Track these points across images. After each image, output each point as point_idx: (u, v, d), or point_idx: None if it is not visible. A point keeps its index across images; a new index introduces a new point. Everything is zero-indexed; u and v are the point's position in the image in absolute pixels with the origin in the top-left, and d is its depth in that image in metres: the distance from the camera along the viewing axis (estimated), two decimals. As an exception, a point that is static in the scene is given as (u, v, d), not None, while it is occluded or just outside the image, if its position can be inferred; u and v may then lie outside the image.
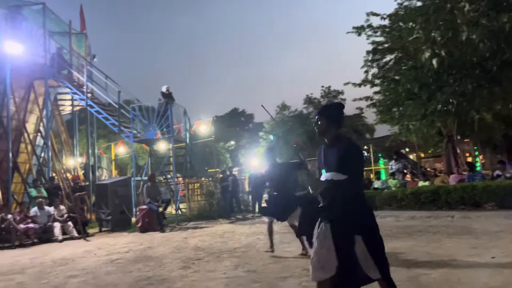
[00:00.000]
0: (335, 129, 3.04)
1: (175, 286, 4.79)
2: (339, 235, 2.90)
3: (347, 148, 2.94)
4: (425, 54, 9.60)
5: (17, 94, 13.18)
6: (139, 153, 24.27)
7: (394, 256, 5.47)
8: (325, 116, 3.07)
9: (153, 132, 13.25)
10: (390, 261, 4.81)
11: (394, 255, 5.53)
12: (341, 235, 2.88)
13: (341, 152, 2.91)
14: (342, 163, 2.88)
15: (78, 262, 6.93)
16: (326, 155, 3.06)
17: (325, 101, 29.42)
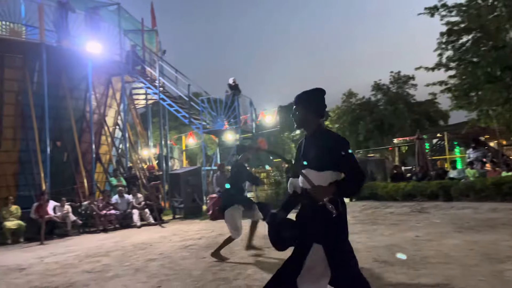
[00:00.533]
0: (316, 119, 2.67)
1: (246, 273, 4.92)
2: (299, 242, 2.72)
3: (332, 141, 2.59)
4: (509, 33, 8.81)
5: (97, 90, 14.21)
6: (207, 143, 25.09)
7: (475, 250, 5.18)
8: (302, 105, 2.69)
9: (221, 123, 13.63)
10: (471, 254, 4.58)
11: (474, 249, 5.23)
12: (299, 243, 2.70)
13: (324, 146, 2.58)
14: (324, 158, 2.54)
15: (155, 247, 7.38)
16: (307, 149, 2.72)
17: (395, 87, 28.13)
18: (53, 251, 7.92)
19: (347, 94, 29.32)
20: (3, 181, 11.84)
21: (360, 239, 6.60)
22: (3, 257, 7.71)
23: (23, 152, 12.20)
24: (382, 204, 11.26)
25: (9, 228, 9.80)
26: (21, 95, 12.21)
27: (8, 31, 11.82)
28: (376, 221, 8.71)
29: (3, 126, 11.93)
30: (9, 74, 12.06)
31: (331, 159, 2.54)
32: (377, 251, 5.58)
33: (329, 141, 2.59)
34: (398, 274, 4.37)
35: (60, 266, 6.26)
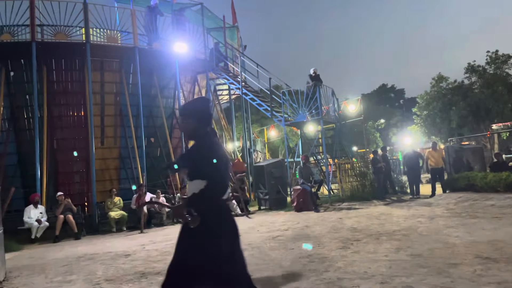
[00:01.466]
0: (204, 129, 2.69)
1: (336, 265, 4.89)
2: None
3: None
4: None
5: (184, 88, 15.00)
6: (289, 135, 25.21)
7: None
8: (189, 116, 2.72)
9: (302, 115, 13.58)
10: None
11: None
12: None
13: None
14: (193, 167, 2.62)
15: (244, 237, 7.57)
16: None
17: (492, 68, 25.60)
18: (152, 239, 8.59)
19: (437, 79, 27.41)
20: (106, 175, 13.07)
21: (457, 233, 6.19)
22: (111, 244, 8.55)
23: (123, 148, 13.34)
24: (481, 196, 10.38)
25: (113, 217, 10.82)
26: (119, 96, 13.34)
27: (105, 38, 12.93)
28: (475, 214, 8.07)
29: (104, 125, 13.14)
30: (108, 77, 13.23)
31: (197, 168, 2.58)
32: (478, 246, 5.19)
33: (195, 150, 2.66)
34: (504, 271, 4.02)
35: (159, 253, 6.77)
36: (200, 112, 2.74)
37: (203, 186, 2.49)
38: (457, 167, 13.20)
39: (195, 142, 2.72)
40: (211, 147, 2.62)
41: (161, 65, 13.76)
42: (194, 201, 2.53)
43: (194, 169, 2.63)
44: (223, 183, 2.64)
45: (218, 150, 2.64)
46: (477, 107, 24.03)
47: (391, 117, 39.93)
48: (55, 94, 12.65)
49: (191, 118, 2.71)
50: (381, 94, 53.16)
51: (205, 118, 2.74)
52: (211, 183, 2.49)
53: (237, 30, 17.76)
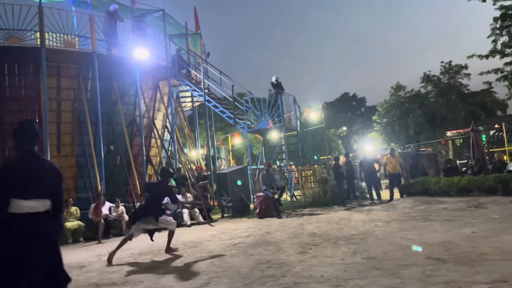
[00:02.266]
0: (20, 148, 3.06)
1: (294, 270, 4.93)
2: None
3: None
4: None
5: (146, 95, 14.76)
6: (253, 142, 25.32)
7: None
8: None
9: (265, 122, 13.68)
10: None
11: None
12: None
13: None
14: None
15: (205, 245, 7.56)
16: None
17: (446, 78, 26.86)
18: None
19: (395, 88, 28.46)
20: (63, 184, 12.59)
21: (411, 235, 6.40)
22: (65, 255, 8.18)
23: (81, 156, 12.93)
24: (435, 200, 10.81)
25: (69, 228, 10.42)
26: (76, 103, 12.94)
27: (62, 43, 12.55)
28: (428, 217, 8.38)
29: (61, 132, 12.70)
30: (65, 83, 12.82)
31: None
32: (429, 248, 5.38)
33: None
34: (452, 271, 4.19)
35: (116, 263, 6.57)
36: (17, 132, 3.09)
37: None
38: (413, 173, 13.70)
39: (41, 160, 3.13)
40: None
41: (121, 71, 13.49)
42: None
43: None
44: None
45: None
46: (432, 115, 25.08)
47: (353, 125, 40.94)
48: (7, 100, 12.14)
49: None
50: (343, 102, 54.51)
51: (19, 138, 3.09)
52: None
53: (200, 37, 17.71)
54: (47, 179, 3.09)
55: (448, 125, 24.80)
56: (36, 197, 2.97)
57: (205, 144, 20.81)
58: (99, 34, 13.04)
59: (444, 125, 25.00)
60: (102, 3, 13.91)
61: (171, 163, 15.27)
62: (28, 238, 2.83)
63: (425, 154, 15.05)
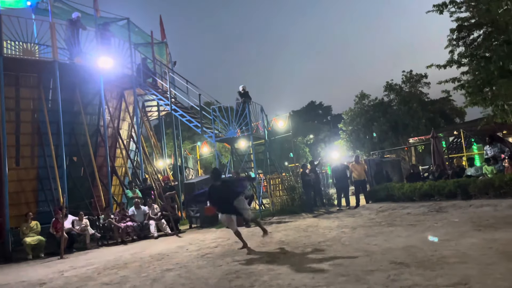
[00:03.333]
0: None
1: (262, 279, 4.92)
2: None
3: None
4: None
5: (110, 104, 14.44)
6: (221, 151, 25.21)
7: (494, 248, 5.08)
8: None
9: (233, 131, 13.68)
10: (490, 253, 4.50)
11: (493, 247, 5.13)
12: None
13: None
14: None
15: (172, 257, 7.43)
16: None
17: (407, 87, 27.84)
18: (73, 264, 8.04)
19: (360, 96, 29.16)
20: (22, 197, 12.09)
21: (376, 241, 6.54)
22: (24, 272, 7.86)
23: (41, 168, 12.45)
24: (399, 205, 11.12)
25: (29, 243, 9.98)
26: (37, 113, 12.49)
27: (21, 51, 12.12)
28: (393, 222, 8.60)
29: (20, 144, 12.20)
30: (25, 93, 12.35)
31: None
32: (393, 253, 5.51)
33: None
34: (415, 275, 4.31)
35: (79, 279, 6.35)
36: None
37: None
38: (378, 179, 14.04)
39: None
40: None
41: (84, 80, 13.16)
42: None
43: None
44: None
45: None
46: (395, 122, 25.84)
47: (319, 133, 41.59)
48: (-39, 111, 11.54)
49: None
50: (310, 111, 55.33)
51: None
52: None
53: (166, 46, 17.57)
54: None
55: (411, 132, 25.61)
56: None
57: (172, 153, 20.54)
58: (60, 43, 12.69)
59: (406, 132, 25.80)
60: (64, 11, 13.55)
61: (137, 173, 14.96)
62: None
63: (389, 161, 15.48)
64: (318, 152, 38.35)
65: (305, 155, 33.21)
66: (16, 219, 11.04)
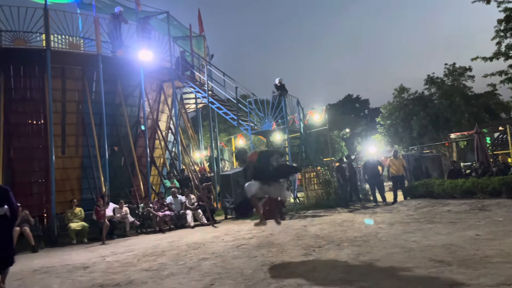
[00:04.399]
0: None
1: (297, 272, 4.93)
2: None
3: None
4: None
5: (150, 97, 14.81)
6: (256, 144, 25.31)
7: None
8: None
9: (269, 123, 13.70)
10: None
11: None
12: None
13: None
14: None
15: (208, 247, 7.58)
16: None
17: (450, 80, 26.81)
18: (114, 250, 8.37)
19: (399, 90, 28.40)
20: (67, 185, 12.66)
21: (415, 238, 6.39)
22: (69, 256, 8.26)
23: (85, 157, 12.99)
24: (438, 202, 10.79)
25: (73, 229, 10.47)
26: (81, 104, 13.01)
27: (67, 45, 12.62)
28: (432, 219, 8.36)
29: (66, 134, 12.76)
30: (70, 85, 12.89)
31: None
32: (433, 250, 5.37)
33: None
34: (456, 274, 4.19)
35: (120, 264, 6.61)
36: None
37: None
38: (416, 175, 13.67)
39: None
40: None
41: (125, 73, 13.56)
42: None
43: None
44: None
45: None
46: (436, 117, 25.00)
47: (356, 127, 40.87)
48: (12, 102, 12.21)
49: None
50: (347, 104, 54.37)
51: None
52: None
53: (203, 39, 17.76)
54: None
55: (452, 127, 24.72)
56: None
57: (209, 145, 20.83)
58: (103, 36, 13.11)
59: (448, 127, 24.92)
60: (107, 5, 13.98)
61: (174, 164, 15.31)
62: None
63: (429, 156, 15.02)
64: (355, 146, 37.75)
65: (341, 149, 32.76)
66: (61, 206, 11.59)
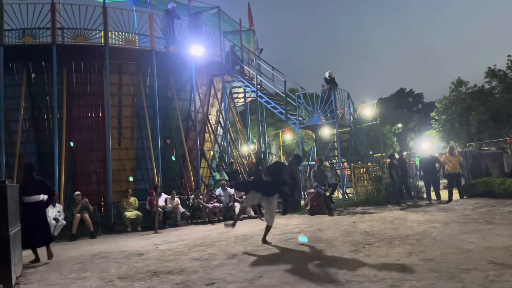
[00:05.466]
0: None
1: (346, 268, 4.87)
2: None
3: None
4: None
5: (201, 91, 15.14)
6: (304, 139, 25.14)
7: None
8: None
9: (317, 118, 13.55)
10: None
11: None
12: None
13: None
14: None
15: (256, 239, 7.65)
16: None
17: (512, 73, 25.07)
18: (166, 239, 8.69)
19: (456, 83, 27.02)
20: (123, 175, 13.28)
21: (472, 238, 6.09)
22: (125, 243, 8.68)
23: (139, 149, 13.55)
24: (499, 202, 10.18)
25: (128, 217, 10.98)
26: (136, 98, 13.57)
27: (123, 41, 13.18)
28: (492, 220, 7.92)
29: (122, 126, 13.37)
30: (126, 79, 13.47)
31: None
32: (492, 252, 5.09)
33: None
34: (519, 278, 3.94)
35: (172, 253, 6.85)
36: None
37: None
38: (474, 173, 12.97)
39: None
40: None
41: (177, 67, 13.95)
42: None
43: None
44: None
45: None
46: (497, 112, 23.55)
47: (409, 122, 39.44)
48: (74, 96, 12.95)
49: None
50: (399, 98, 52.56)
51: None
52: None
53: (253, 33, 17.85)
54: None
55: (515, 123, 23.19)
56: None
57: (257, 139, 20.98)
58: (157, 32, 13.55)
59: (510, 122, 23.39)
60: (161, 1, 14.44)
61: (223, 157, 15.58)
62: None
63: (488, 154, 14.18)
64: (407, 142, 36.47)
65: (393, 145, 31.76)
66: (117, 195, 12.20)
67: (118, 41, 13.19)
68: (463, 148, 22.10)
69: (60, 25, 12.73)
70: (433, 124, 28.33)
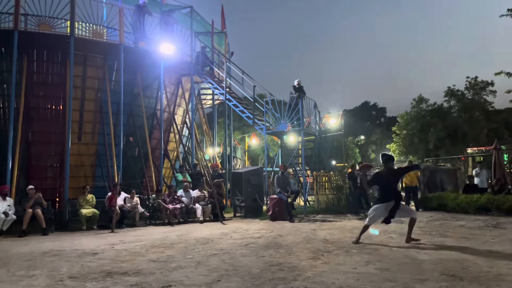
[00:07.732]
0: None
1: (305, 275, 4.89)
2: None
3: None
4: None
5: (168, 89, 14.89)
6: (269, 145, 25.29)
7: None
8: None
9: (284, 124, 13.65)
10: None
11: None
12: None
13: None
14: None
15: (216, 243, 7.57)
16: None
17: (471, 94, 26.35)
18: (123, 239, 8.43)
19: (417, 100, 28.08)
20: (81, 171, 12.81)
21: (426, 250, 6.28)
22: (79, 241, 8.34)
23: (100, 145, 13.13)
24: (451, 216, 10.62)
25: (84, 215, 10.58)
26: (100, 92, 13.15)
27: (91, 33, 12.76)
28: (445, 233, 8.23)
29: (83, 120, 12.91)
30: (91, 72, 13.03)
31: None
32: (445, 264, 5.27)
33: None
34: (468, 290, 4.09)
35: (128, 253, 6.64)
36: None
37: None
38: (430, 187, 13.48)
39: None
40: None
41: (146, 64, 13.66)
42: None
43: None
44: None
45: None
46: (454, 130, 24.65)
47: (371, 134, 40.55)
48: (34, 85, 12.40)
49: None
50: (363, 111, 53.97)
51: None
52: None
53: (225, 36, 17.81)
54: None
55: (470, 141, 24.33)
56: None
57: (222, 142, 20.88)
58: (127, 27, 13.22)
59: (465, 141, 24.54)
60: (132, -4, 14.10)
61: (187, 158, 15.37)
62: None
63: (445, 170, 14.80)
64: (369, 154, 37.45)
65: (355, 156, 32.53)
66: (74, 191, 11.73)
67: (85, 32, 12.76)
68: (421, 163, 22.94)
69: (24, 11, 12.14)
70: (394, 138, 29.26)
